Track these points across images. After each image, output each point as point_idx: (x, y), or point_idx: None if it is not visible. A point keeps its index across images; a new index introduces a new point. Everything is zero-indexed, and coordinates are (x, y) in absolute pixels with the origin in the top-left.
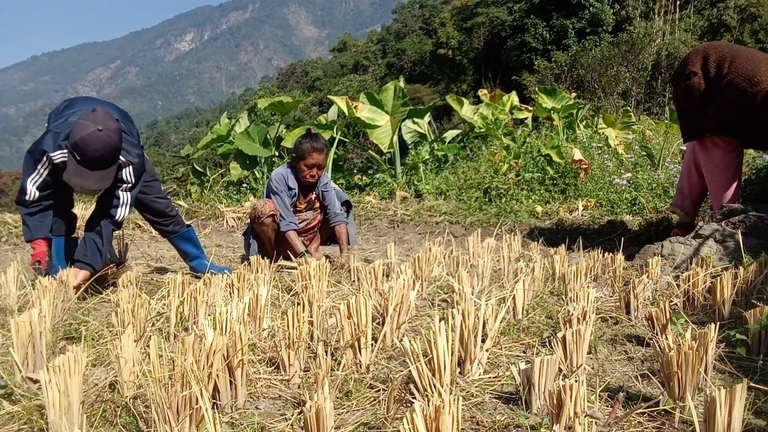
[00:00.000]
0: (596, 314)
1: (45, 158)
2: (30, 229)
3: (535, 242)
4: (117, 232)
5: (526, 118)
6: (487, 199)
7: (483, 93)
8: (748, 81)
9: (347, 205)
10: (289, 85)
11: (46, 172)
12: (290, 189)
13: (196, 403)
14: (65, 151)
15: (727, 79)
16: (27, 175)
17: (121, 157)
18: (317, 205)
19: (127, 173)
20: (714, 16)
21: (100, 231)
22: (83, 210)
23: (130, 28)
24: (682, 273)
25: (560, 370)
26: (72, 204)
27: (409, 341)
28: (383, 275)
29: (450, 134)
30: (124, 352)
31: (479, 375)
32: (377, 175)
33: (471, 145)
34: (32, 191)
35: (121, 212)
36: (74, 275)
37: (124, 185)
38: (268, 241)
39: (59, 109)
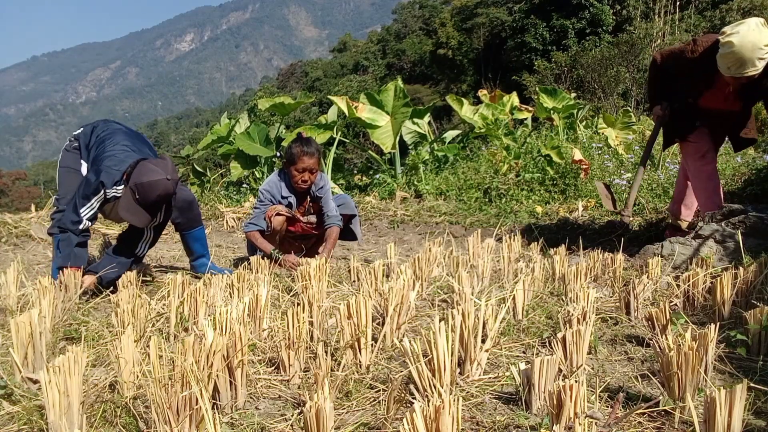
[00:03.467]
0: (596, 314)
1: (102, 192)
2: (73, 257)
3: (535, 242)
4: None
5: (526, 119)
6: (487, 200)
7: (483, 93)
8: (687, 46)
9: (347, 218)
10: (289, 86)
11: (98, 205)
12: (284, 198)
13: (196, 404)
14: (121, 188)
15: (678, 61)
16: (81, 206)
17: None
18: (314, 210)
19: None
20: (716, 17)
21: (119, 258)
22: None
23: (130, 29)
24: (682, 273)
25: (560, 370)
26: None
27: (409, 341)
28: (383, 275)
29: (450, 134)
30: (124, 353)
31: (479, 375)
32: (377, 176)
33: (471, 145)
34: (85, 222)
35: (143, 248)
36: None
37: (152, 223)
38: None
39: (98, 135)
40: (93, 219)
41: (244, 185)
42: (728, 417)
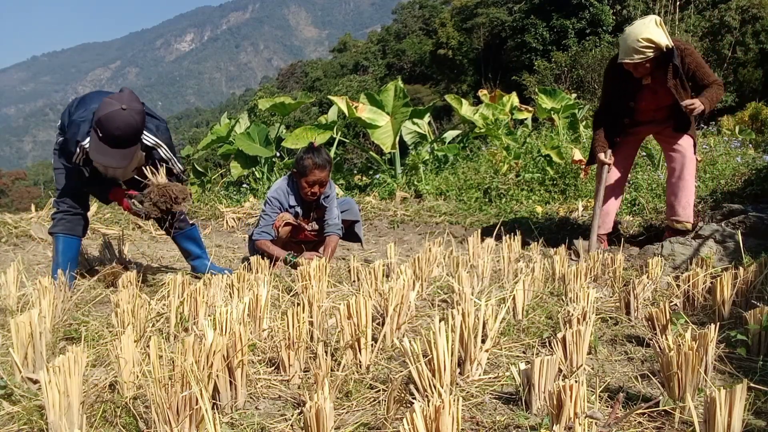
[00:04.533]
0: (596, 315)
1: (78, 148)
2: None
3: (535, 242)
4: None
5: (526, 119)
6: (487, 200)
7: (483, 93)
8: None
9: (349, 224)
10: (289, 86)
11: (82, 161)
12: (291, 207)
13: (196, 404)
14: None
15: (606, 82)
16: (68, 160)
17: (151, 138)
18: (318, 215)
19: (164, 152)
20: (715, 17)
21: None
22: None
23: (130, 29)
24: (682, 273)
25: (560, 370)
26: (87, 207)
27: (409, 342)
28: (383, 275)
29: (450, 134)
30: (124, 353)
31: (479, 375)
32: (377, 176)
33: (471, 145)
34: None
35: (177, 167)
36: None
37: (169, 163)
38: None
39: (73, 106)
40: (85, 165)
41: (244, 185)
42: (728, 417)
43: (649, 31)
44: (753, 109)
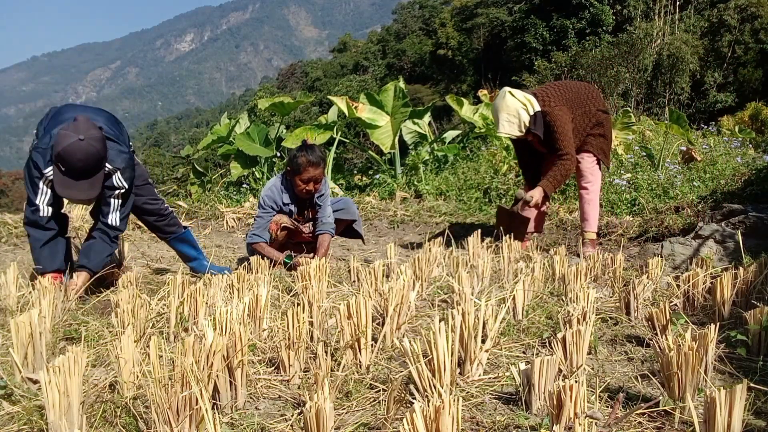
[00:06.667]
0: (596, 315)
1: (43, 177)
2: (43, 261)
3: (535, 242)
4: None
5: None
6: (487, 200)
7: (483, 93)
8: None
9: (347, 223)
10: (289, 86)
11: (49, 190)
12: (285, 205)
13: (196, 404)
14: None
15: None
16: (34, 194)
17: (107, 165)
18: (312, 215)
19: (117, 179)
20: (714, 16)
21: (99, 238)
22: (82, 211)
23: (130, 29)
24: (682, 273)
25: (560, 370)
26: (62, 205)
27: (409, 342)
28: (383, 276)
29: (450, 135)
30: (124, 353)
31: (479, 375)
32: (377, 176)
33: (471, 145)
34: (44, 208)
35: (113, 217)
36: (74, 281)
37: (116, 191)
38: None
39: (48, 117)
40: (53, 205)
41: (244, 185)
42: (728, 417)
43: (512, 124)
44: (753, 109)
